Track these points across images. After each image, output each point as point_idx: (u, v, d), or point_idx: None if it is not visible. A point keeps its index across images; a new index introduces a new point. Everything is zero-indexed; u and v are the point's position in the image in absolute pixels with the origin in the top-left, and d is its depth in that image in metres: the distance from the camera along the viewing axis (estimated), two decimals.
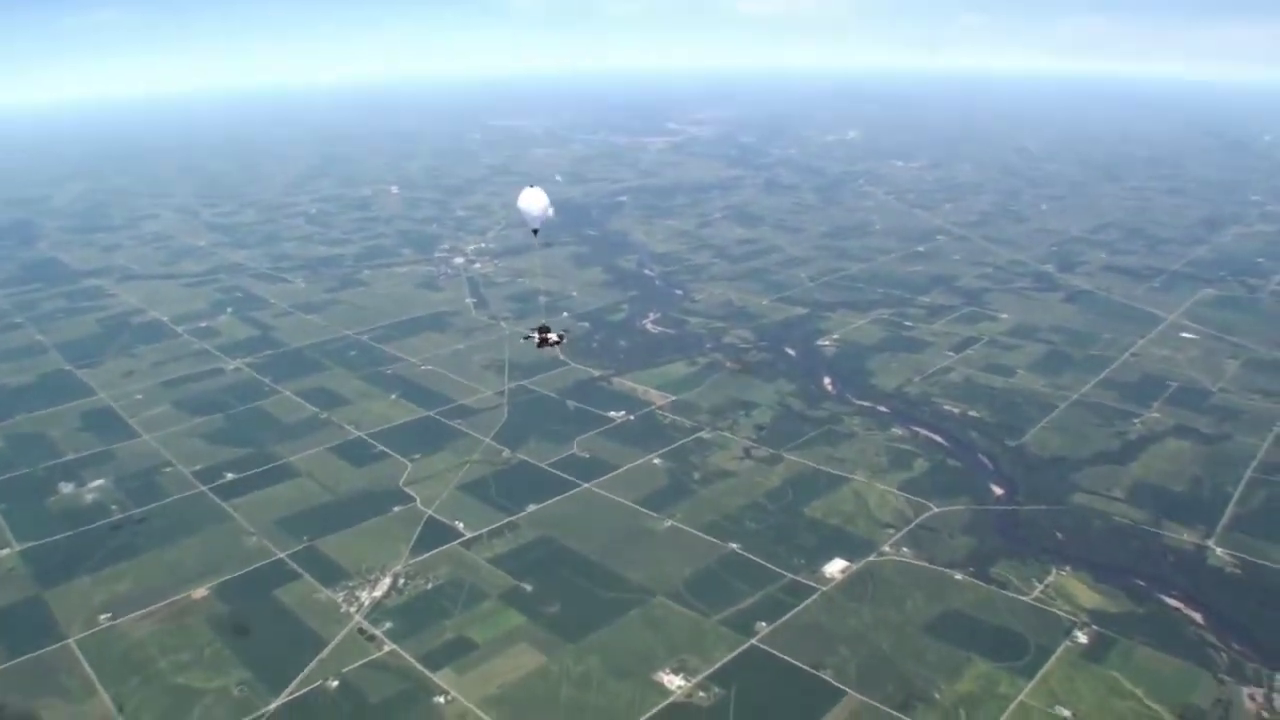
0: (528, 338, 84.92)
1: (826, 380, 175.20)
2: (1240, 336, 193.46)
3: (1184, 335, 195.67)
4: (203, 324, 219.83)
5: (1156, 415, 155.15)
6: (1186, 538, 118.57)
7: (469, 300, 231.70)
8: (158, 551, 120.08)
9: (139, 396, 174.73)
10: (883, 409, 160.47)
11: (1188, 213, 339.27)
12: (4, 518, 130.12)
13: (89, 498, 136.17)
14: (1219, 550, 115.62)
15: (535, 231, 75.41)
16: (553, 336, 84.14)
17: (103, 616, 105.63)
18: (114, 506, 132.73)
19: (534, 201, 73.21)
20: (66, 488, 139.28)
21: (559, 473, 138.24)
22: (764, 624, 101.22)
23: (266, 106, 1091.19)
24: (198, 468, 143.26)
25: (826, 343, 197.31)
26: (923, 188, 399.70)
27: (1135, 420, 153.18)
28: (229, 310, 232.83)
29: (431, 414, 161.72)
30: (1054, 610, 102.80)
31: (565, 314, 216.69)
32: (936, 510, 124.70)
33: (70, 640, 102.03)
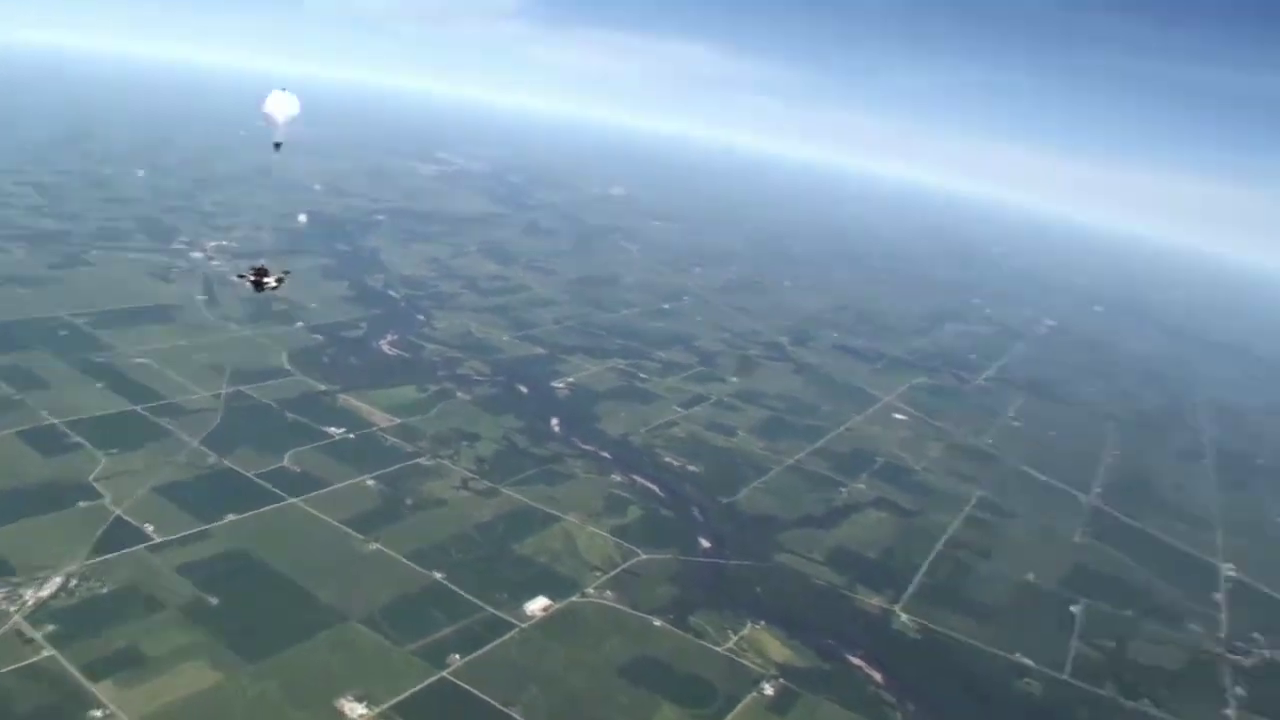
0: (241, 277, 74.90)
1: (554, 421, 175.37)
2: (945, 422, 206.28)
3: (896, 416, 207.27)
4: None
5: (862, 486, 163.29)
6: (875, 602, 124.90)
7: (200, 297, 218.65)
8: None
9: None
10: (605, 455, 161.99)
11: (915, 306, 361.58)
12: None
13: None
14: (904, 616, 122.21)
15: (277, 145, 67.70)
16: (270, 281, 73.50)
17: None
18: None
19: (281, 107, 65.08)
20: None
21: (266, 484, 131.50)
22: (458, 656, 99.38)
23: (29, 66, 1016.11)
24: None
25: (561, 385, 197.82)
26: (677, 250, 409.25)
27: (842, 489, 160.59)
28: None
29: (138, 409, 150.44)
30: (745, 662, 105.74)
31: (300, 324, 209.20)
32: (644, 557, 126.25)
33: None
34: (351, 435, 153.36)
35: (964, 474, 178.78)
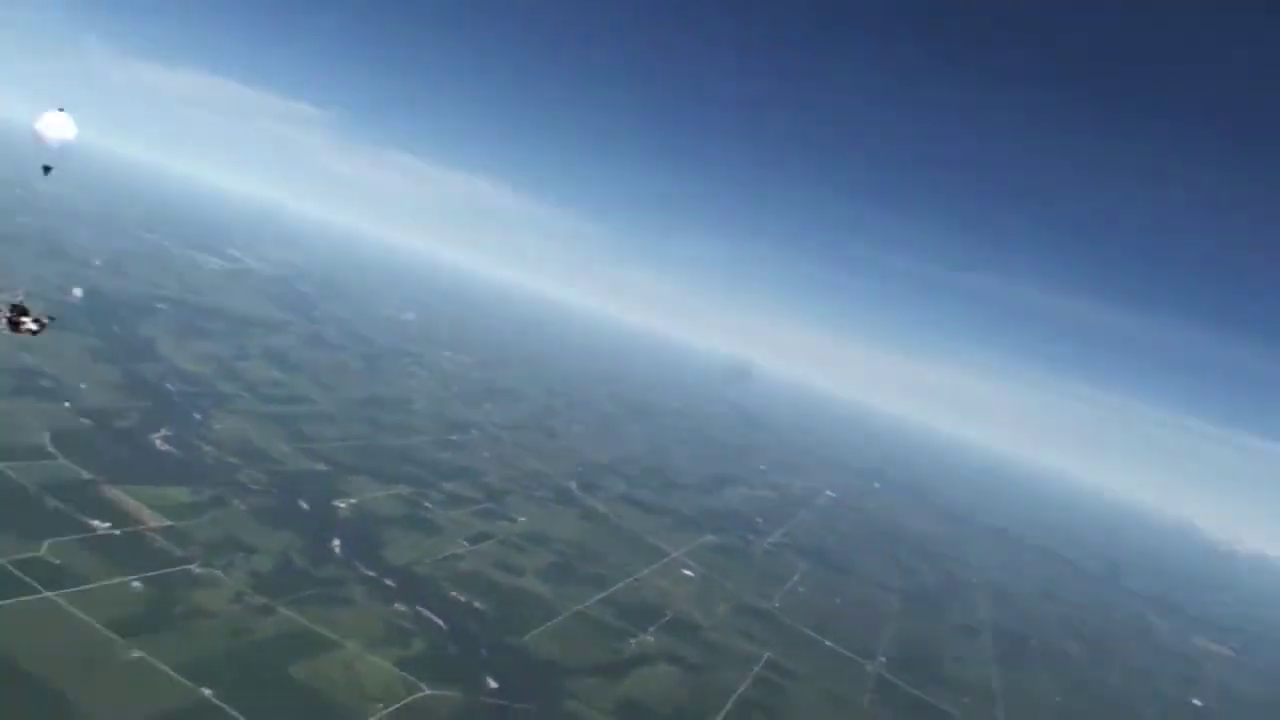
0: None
1: (335, 541, 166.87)
2: (733, 582, 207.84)
3: (684, 572, 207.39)
4: None
5: (651, 639, 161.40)
6: None
7: None
8: None
9: None
10: (389, 582, 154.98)
11: (702, 466, 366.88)
12: None
13: None
14: None
15: (46, 169, 57.97)
16: (29, 323, 60.03)
17: None
18: None
19: (55, 127, 55.74)
20: None
21: (18, 573, 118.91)
22: None
23: None
24: None
25: (343, 504, 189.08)
26: (468, 382, 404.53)
27: (631, 640, 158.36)
28: None
29: None
30: None
31: (67, 404, 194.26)
32: (428, 692, 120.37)
33: None
34: (117, 531, 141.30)
35: (752, 634, 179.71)
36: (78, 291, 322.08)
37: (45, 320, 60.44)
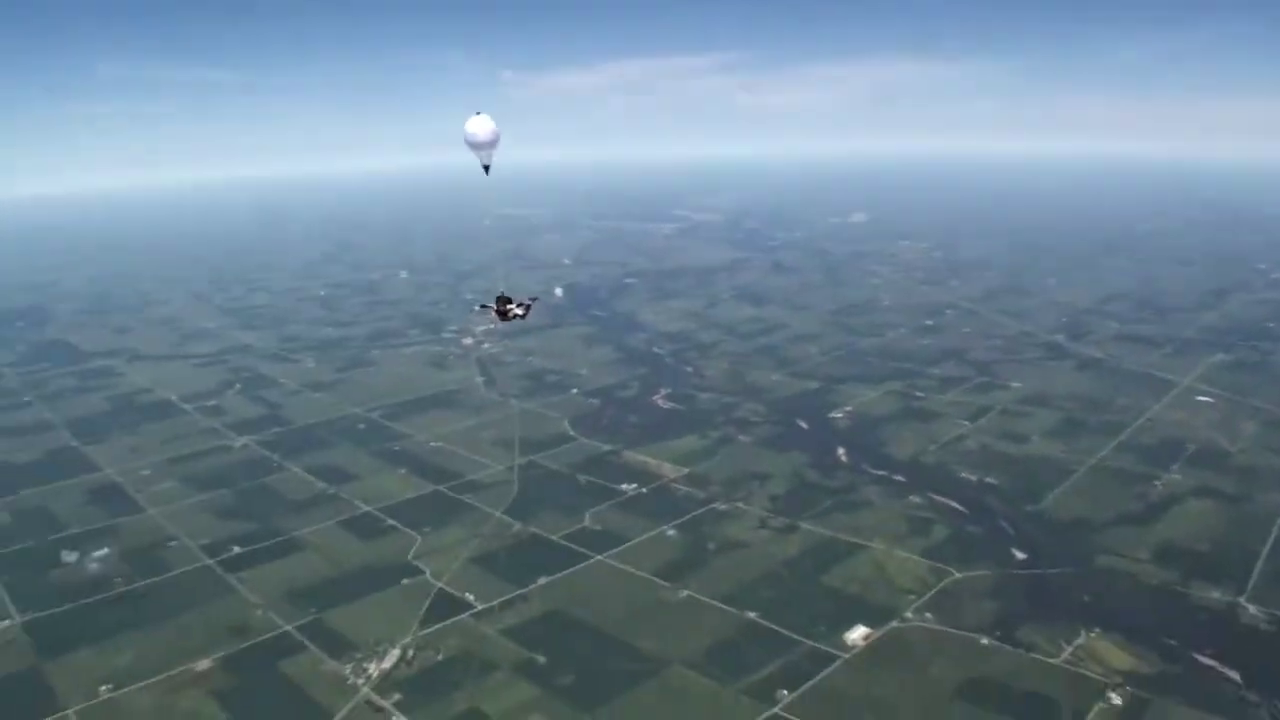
0: (484, 307, 66.47)
1: (840, 451, 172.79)
2: (1256, 399, 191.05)
3: (1199, 399, 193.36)
4: (210, 403, 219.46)
5: (1177, 477, 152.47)
6: (1216, 596, 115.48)
7: (478, 379, 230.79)
8: (162, 624, 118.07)
9: (145, 473, 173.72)
10: (899, 478, 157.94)
11: (1194, 282, 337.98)
12: (6, 590, 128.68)
13: (92, 570, 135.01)
14: (1251, 608, 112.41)
15: (486, 169, 60.79)
16: (516, 309, 64.71)
17: (103, 688, 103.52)
18: (118, 579, 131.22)
19: (481, 128, 58.10)
20: (70, 558, 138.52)
21: (571, 545, 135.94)
22: (785, 692, 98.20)
23: (279, 198, 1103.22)
24: (204, 541, 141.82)
25: (839, 415, 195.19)
26: (930, 266, 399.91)
27: (1156, 482, 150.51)
28: (237, 389, 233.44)
29: (440, 489, 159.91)
30: (1085, 673, 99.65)
31: (575, 390, 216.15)
32: (958, 576, 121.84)
33: (69, 711, 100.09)
34: (644, 490, 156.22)
35: None
36: (559, 291, 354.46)
37: (529, 302, 65.21)
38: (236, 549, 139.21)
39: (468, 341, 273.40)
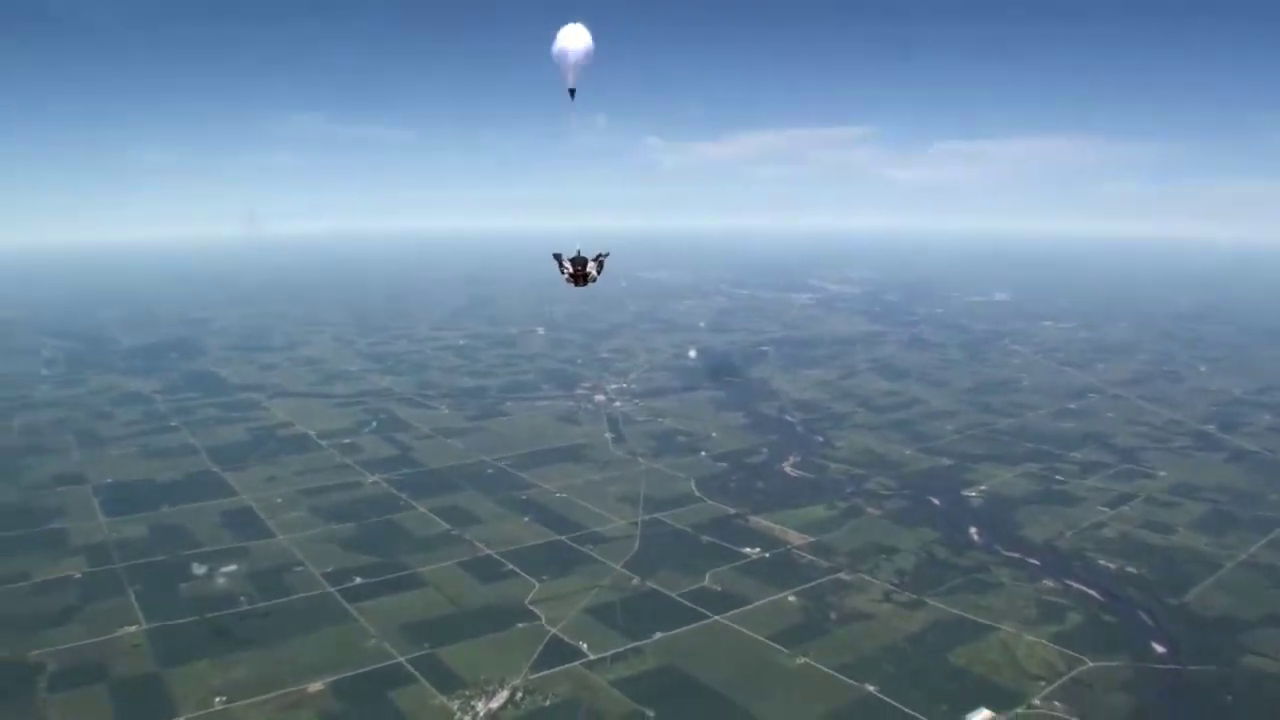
0: (559, 260, 59.25)
1: (973, 530, 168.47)
2: None
3: None
4: (346, 440, 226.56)
5: None
6: None
7: (607, 435, 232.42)
8: (279, 643, 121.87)
9: (278, 500, 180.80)
10: (1033, 560, 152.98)
11: None
12: (136, 598, 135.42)
13: (219, 585, 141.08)
14: None
15: (571, 92, 55.29)
16: (592, 270, 59.00)
17: (217, 699, 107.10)
18: (242, 597, 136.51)
19: (573, 39, 52.71)
20: (200, 570, 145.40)
21: (689, 603, 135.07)
22: None
23: (419, 250, 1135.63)
24: (328, 569, 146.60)
25: (973, 493, 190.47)
26: (1073, 347, 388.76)
27: None
28: (372, 428, 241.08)
29: (563, 538, 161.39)
30: None
31: (703, 453, 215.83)
32: (1092, 665, 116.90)
33: (182, 718, 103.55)
34: (767, 554, 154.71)
35: None
36: (692, 353, 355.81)
37: (603, 257, 59.73)
38: (358, 579, 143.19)
39: (600, 398, 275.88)
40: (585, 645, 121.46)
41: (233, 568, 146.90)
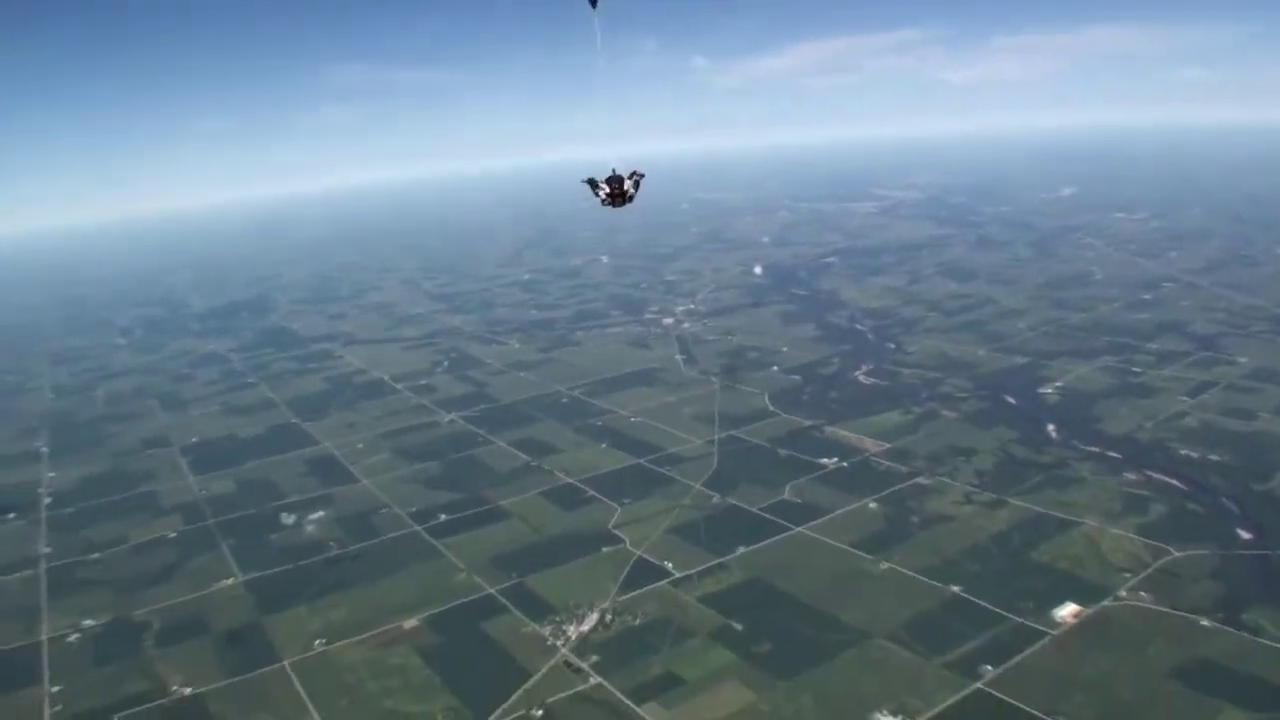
0: (593, 183, 56.23)
1: (1050, 427, 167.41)
2: None
3: None
4: (421, 382, 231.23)
5: None
6: None
7: (678, 357, 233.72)
8: (371, 584, 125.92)
9: (359, 446, 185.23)
10: (1113, 454, 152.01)
11: None
12: (230, 551, 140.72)
13: (309, 533, 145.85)
14: None
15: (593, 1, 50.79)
16: (629, 187, 56.10)
17: (317, 642, 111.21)
18: (331, 543, 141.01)
19: None
20: (288, 520, 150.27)
21: (770, 516, 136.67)
22: (990, 668, 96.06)
23: (491, 190, 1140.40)
24: (413, 509, 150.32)
25: (1049, 390, 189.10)
26: (1146, 238, 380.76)
27: None
28: (445, 368, 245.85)
29: (641, 461, 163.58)
30: None
31: (775, 368, 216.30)
32: (1177, 555, 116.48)
33: (285, 663, 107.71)
34: (845, 464, 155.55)
35: None
36: (758, 269, 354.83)
37: (638, 175, 57.69)
38: (443, 516, 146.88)
39: (668, 321, 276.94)
40: (670, 564, 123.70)
41: (320, 514, 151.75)
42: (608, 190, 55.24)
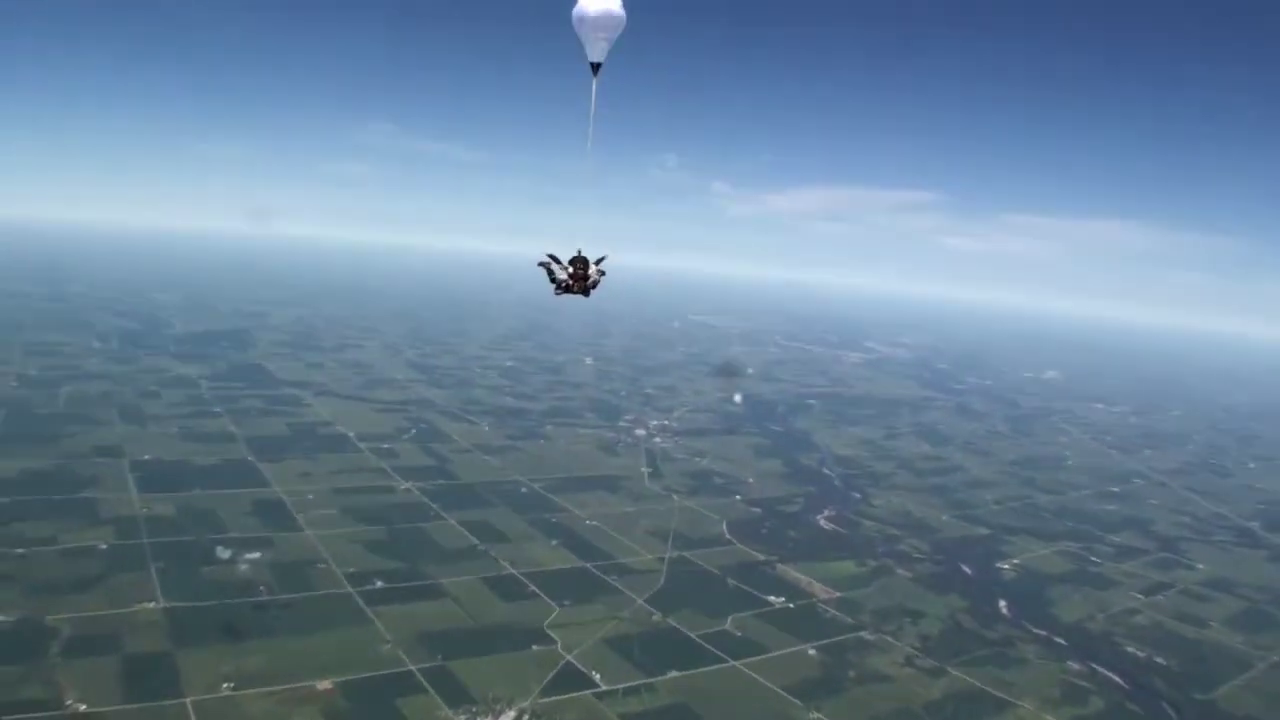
0: (555, 260, 46.06)
1: (1002, 603, 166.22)
2: None
3: None
4: (385, 445, 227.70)
5: None
6: None
7: (644, 469, 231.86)
8: (293, 637, 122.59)
9: (310, 496, 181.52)
10: (1060, 640, 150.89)
11: None
12: (158, 574, 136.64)
13: (241, 571, 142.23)
14: None
15: (594, 67, 44.42)
16: (593, 272, 46.18)
17: (225, 685, 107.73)
18: (262, 587, 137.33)
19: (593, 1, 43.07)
20: (224, 554, 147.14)
21: (708, 645, 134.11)
22: None
23: (481, 268, 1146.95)
24: (350, 570, 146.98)
25: (1006, 566, 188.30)
26: (1122, 431, 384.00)
27: None
28: (411, 434, 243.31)
29: (588, 565, 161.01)
30: None
31: (738, 497, 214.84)
32: None
33: (188, 700, 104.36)
34: (791, 604, 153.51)
35: None
36: (738, 397, 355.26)
37: (603, 261, 46.71)
38: (380, 583, 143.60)
39: (640, 432, 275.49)
40: (598, 675, 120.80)
41: (256, 555, 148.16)
42: (569, 273, 46.24)
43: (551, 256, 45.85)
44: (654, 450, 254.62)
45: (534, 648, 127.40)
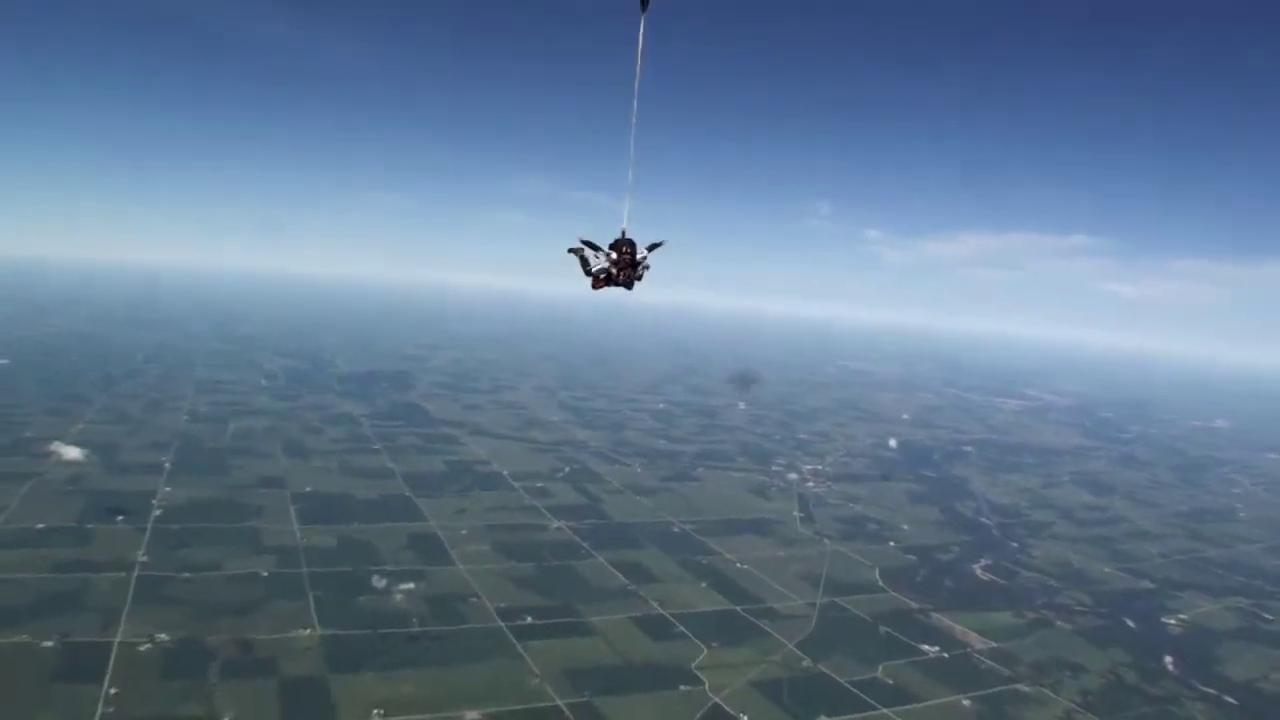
0: (592, 247, 37.97)
1: (1168, 658, 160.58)
2: None
3: None
4: (538, 484, 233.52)
5: None
6: None
7: (796, 513, 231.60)
8: (444, 668, 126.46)
9: (464, 532, 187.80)
10: (1229, 699, 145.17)
11: None
12: (315, 602, 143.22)
13: (395, 602, 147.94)
14: None
15: (643, 2, 35.15)
16: (643, 254, 38.12)
17: (376, 711, 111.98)
18: (415, 619, 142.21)
19: None
20: (379, 584, 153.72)
21: (858, 692, 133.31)
22: None
23: (647, 319, 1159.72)
24: (501, 605, 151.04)
25: (1172, 620, 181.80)
26: None
27: None
28: (564, 474, 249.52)
29: (738, 609, 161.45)
30: None
31: (892, 543, 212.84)
32: None
33: None
34: (945, 654, 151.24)
35: None
36: (893, 443, 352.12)
37: (657, 246, 38.73)
38: (529, 619, 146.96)
39: (792, 477, 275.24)
40: (746, 717, 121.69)
41: (410, 586, 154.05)
42: (611, 258, 37.80)
43: (585, 242, 38.18)
44: (806, 495, 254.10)
45: (682, 687, 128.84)
